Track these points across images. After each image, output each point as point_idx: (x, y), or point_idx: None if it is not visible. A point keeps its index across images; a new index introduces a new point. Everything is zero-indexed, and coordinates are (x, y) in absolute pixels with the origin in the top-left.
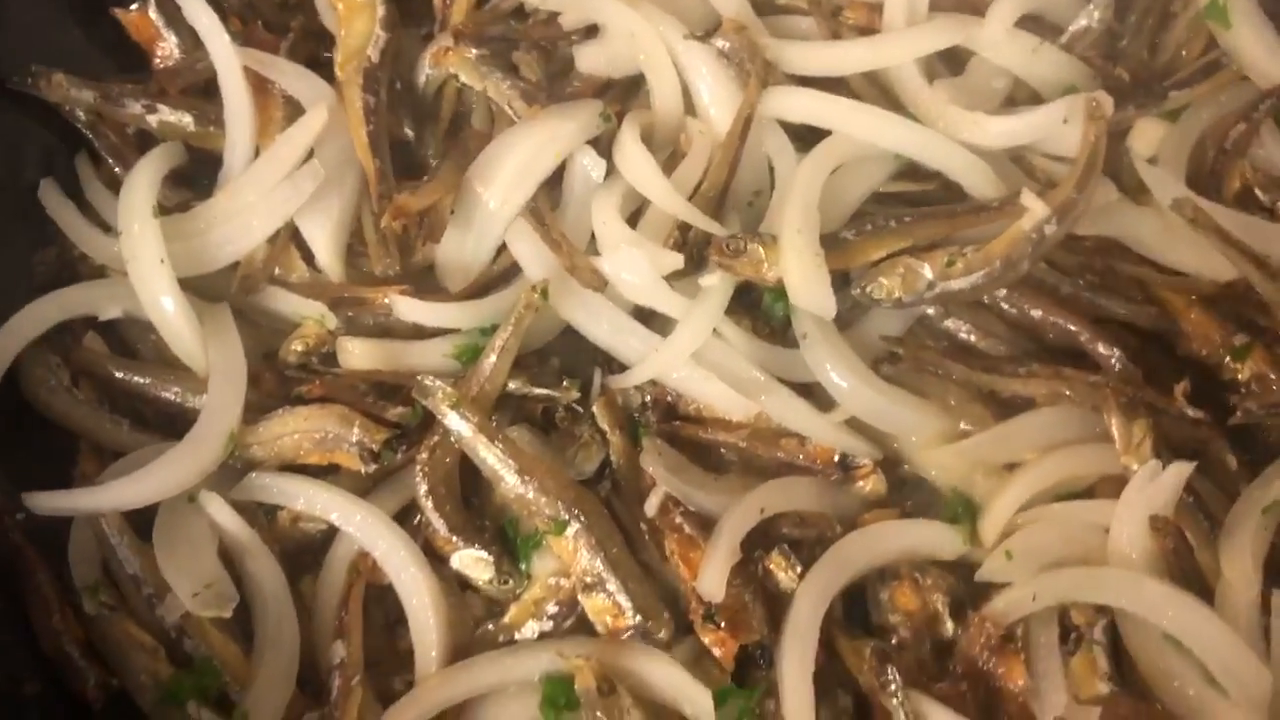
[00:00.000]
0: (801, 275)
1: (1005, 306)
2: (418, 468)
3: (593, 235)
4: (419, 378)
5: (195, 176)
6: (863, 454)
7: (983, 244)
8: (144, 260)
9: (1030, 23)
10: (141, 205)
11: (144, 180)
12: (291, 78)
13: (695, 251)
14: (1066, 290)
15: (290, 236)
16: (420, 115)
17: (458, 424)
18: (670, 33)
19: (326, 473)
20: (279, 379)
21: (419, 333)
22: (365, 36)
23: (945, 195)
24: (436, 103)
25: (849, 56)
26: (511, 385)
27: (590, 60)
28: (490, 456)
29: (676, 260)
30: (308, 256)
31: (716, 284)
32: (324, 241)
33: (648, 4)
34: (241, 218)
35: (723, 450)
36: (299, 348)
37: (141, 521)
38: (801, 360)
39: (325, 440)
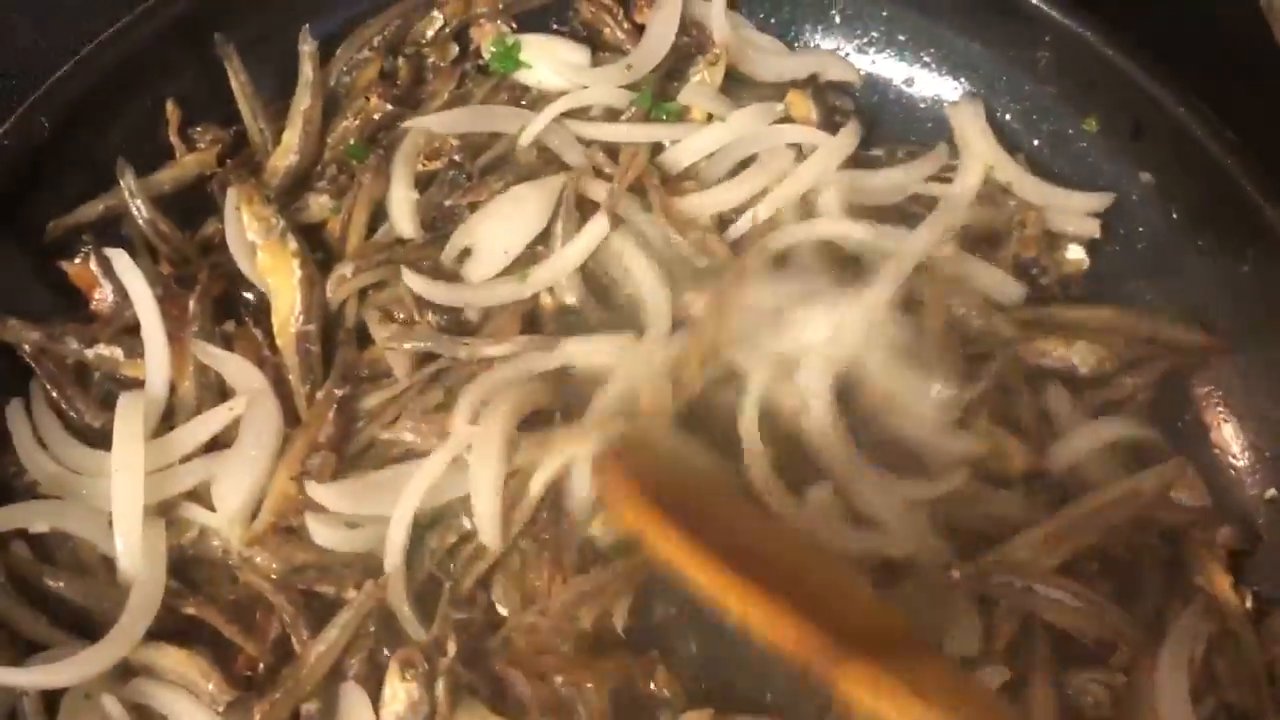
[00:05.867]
0: None
1: None
2: None
3: None
4: None
5: None
6: None
7: None
8: (128, 498)
9: None
10: (134, 449)
11: (133, 422)
12: (217, 360)
13: None
14: None
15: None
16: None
17: None
18: None
19: None
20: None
21: None
22: (290, 305)
23: None
24: (341, 313)
25: None
26: None
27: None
28: None
29: None
30: None
31: None
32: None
33: None
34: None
35: None
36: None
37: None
38: None
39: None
